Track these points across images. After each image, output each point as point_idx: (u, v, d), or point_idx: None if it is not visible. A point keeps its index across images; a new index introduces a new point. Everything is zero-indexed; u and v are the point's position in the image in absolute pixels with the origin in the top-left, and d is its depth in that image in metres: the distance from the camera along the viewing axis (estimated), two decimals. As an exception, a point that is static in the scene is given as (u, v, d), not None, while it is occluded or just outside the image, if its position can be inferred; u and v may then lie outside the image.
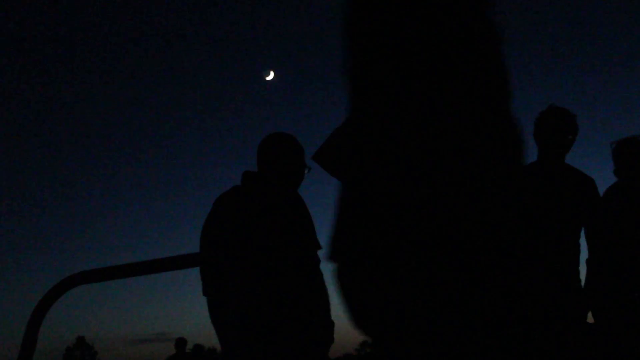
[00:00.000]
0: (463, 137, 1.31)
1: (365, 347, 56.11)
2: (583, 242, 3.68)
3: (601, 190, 3.76)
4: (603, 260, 3.65)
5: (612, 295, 3.59)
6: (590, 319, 3.62)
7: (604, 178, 3.96)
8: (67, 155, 48.94)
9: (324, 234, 3.27)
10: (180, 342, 11.68)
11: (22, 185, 50.09)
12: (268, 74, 23.58)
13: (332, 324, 3.21)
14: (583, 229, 3.65)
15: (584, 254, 3.68)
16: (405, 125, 1.32)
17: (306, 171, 3.33)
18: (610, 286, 3.61)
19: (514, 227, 3.81)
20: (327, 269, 3.25)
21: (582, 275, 3.62)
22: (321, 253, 3.22)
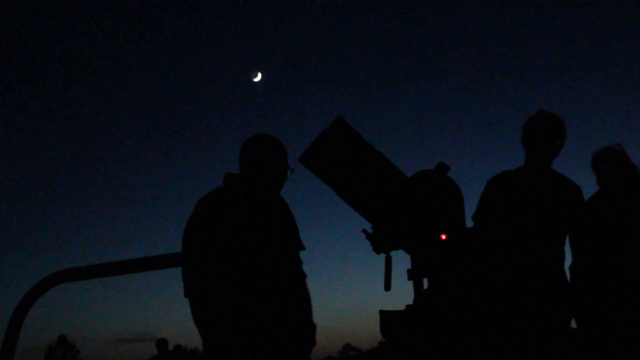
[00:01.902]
0: None
1: (348, 350, 56.01)
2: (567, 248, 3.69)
3: (588, 196, 3.77)
4: (586, 267, 3.65)
5: (595, 302, 3.60)
6: (573, 324, 3.63)
7: (591, 185, 3.97)
8: (52, 153, 48.60)
9: (308, 235, 3.27)
10: (162, 343, 11.64)
11: (4, 183, 49.64)
12: (255, 76, 23.48)
13: (314, 326, 3.20)
14: (568, 235, 3.66)
15: (568, 260, 3.69)
16: None
17: (289, 173, 3.31)
18: (593, 292, 3.62)
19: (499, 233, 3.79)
20: (309, 271, 3.28)
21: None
22: (303, 255, 3.22)
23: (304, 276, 3.19)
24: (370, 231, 3.11)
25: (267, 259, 3.04)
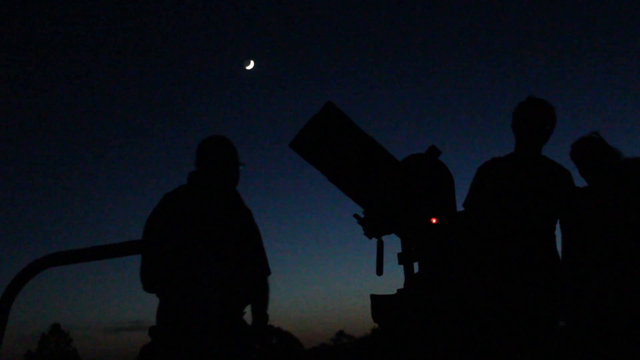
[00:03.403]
0: None
1: (341, 337, 56.27)
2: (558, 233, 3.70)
3: (580, 183, 3.77)
4: (576, 252, 3.66)
5: (585, 286, 3.60)
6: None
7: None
8: (40, 137, 48.34)
9: (299, 221, 3.31)
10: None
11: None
12: (248, 63, 23.41)
13: (266, 317, 3.37)
14: (558, 220, 3.67)
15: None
16: None
17: (241, 168, 3.49)
18: (582, 276, 3.62)
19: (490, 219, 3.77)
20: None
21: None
22: (296, 244, 3.27)
23: (267, 272, 3.42)
24: (362, 216, 3.11)
25: (232, 255, 3.20)
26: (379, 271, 3.13)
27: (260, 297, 3.37)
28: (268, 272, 3.44)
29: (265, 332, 3.37)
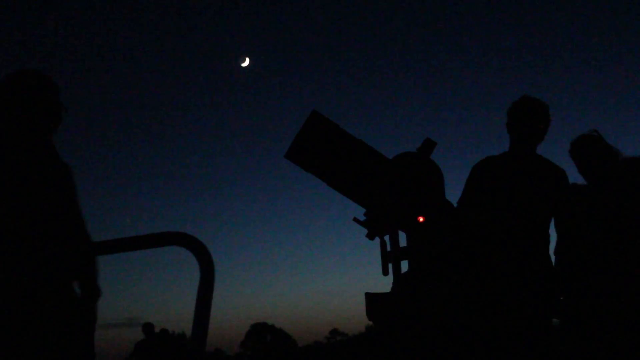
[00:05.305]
0: None
1: (335, 335, 56.34)
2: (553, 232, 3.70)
3: (578, 181, 3.77)
4: (570, 251, 3.66)
5: (579, 285, 3.60)
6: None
7: (577, 172, 3.96)
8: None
9: (294, 221, 3.27)
10: (148, 327, 11.64)
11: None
12: (244, 61, 23.37)
13: (95, 292, 2.91)
14: (553, 219, 3.67)
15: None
16: None
17: (63, 113, 2.74)
18: (576, 275, 3.62)
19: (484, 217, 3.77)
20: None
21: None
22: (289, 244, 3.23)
23: (84, 239, 2.75)
24: (362, 219, 3.12)
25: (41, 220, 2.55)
26: (385, 271, 3.14)
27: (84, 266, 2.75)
28: (85, 239, 2.73)
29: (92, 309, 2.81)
